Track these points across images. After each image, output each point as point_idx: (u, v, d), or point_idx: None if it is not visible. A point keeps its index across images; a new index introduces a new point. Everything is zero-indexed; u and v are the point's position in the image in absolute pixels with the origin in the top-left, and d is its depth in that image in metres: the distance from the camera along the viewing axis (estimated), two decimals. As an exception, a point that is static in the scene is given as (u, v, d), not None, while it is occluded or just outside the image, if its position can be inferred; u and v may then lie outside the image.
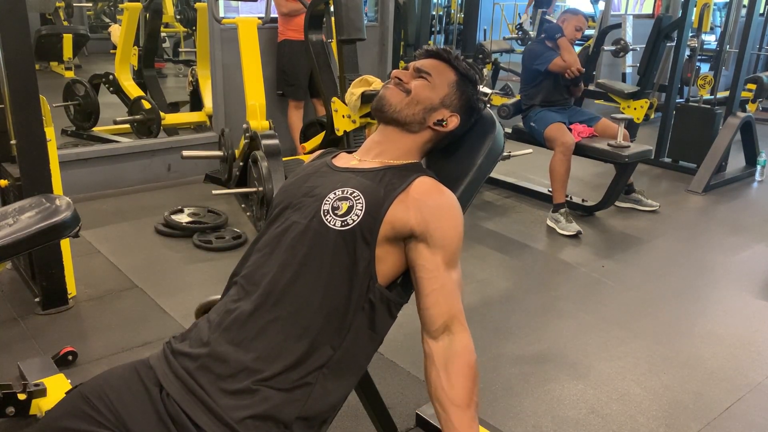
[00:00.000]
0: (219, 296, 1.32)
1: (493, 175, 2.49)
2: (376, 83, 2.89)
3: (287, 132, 4.59)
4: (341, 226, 1.18)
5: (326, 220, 1.19)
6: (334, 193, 1.22)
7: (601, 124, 3.95)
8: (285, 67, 4.51)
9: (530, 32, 6.86)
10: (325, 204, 1.21)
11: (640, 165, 3.99)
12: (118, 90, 5.23)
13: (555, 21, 4.34)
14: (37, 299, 2.59)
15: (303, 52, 4.37)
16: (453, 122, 1.36)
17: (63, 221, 1.60)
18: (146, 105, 4.73)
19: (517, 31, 8.13)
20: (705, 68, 7.08)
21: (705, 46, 7.05)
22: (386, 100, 1.34)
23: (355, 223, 1.18)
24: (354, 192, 1.21)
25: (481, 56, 6.33)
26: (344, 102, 3.10)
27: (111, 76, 5.24)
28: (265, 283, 1.18)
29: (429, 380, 1.18)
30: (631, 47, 6.29)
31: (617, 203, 4.09)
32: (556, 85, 3.93)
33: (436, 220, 1.20)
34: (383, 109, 1.34)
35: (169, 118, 4.89)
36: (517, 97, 4.25)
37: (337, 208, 1.20)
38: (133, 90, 5.19)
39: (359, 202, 1.19)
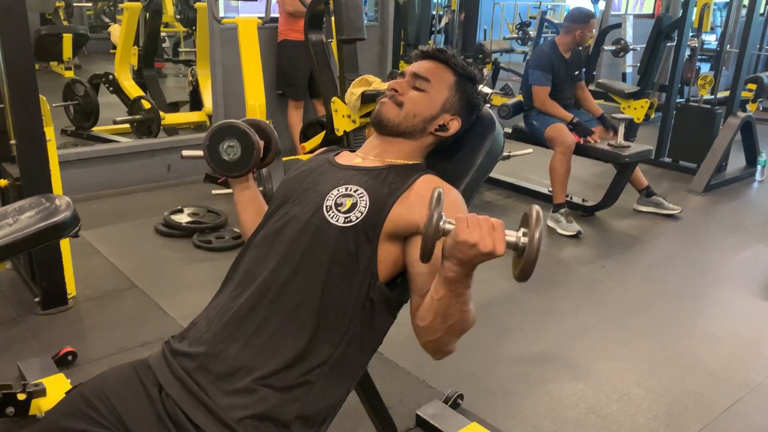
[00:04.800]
0: None
1: (493, 175, 2.49)
2: (376, 83, 2.89)
3: (287, 132, 4.59)
4: (344, 222, 1.17)
5: (328, 215, 1.18)
6: (338, 190, 1.22)
7: (600, 128, 3.97)
8: (285, 68, 4.51)
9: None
10: (327, 200, 1.20)
11: (640, 165, 4.00)
12: (117, 90, 5.22)
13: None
14: (37, 299, 2.59)
15: (303, 53, 4.37)
16: (454, 126, 1.35)
17: (63, 221, 1.60)
18: (146, 105, 4.73)
19: (517, 31, 8.12)
20: (705, 68, 7.07)
21: (705, 46, 7.05)
22: (383, 116, 1.32)
23: (359, 220, 1.17)
24: (358, 189, 1.21)
25: (481, 56, 6.33)
26: (344, 102, 3.10)
27: (111, 76, 5.23)
28: (263, 278, 1.18)
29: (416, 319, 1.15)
30: (631, 47, 6.29)
31: (638, 208, 4.09)
32: (558, 88, 3.92)
33: None
34: (382, 124, 1.33)
35: (169, 118, 4.89)
36: (518, 97, 4.24)
37: (341, 204, 1.19)
38: (132, 90, 5.19)
39: (363, 200, 1.19)
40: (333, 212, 1.19)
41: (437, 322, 1.09)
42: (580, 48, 3.98)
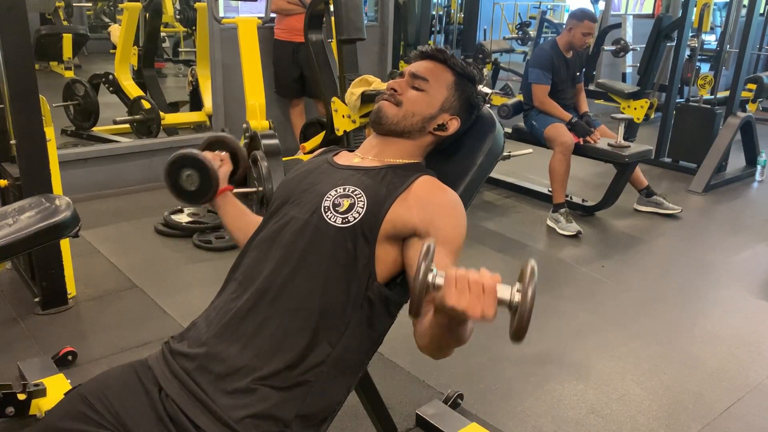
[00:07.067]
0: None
1: (493, 175, 2.48)
2: (376, 83, 2.89)
3: (287, 132, 4.59)
4: (342, 223, 1.17)
5: (327, 216, 1.19)
6: (336, 190, 1.22)
7: (600, 128, 3.97)
8: (274, 67, 4.51)
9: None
10: (325, 200, 1.21)
11: (640, 165, 4.00)
12: (117, 90, 5.22)
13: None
14: (37, 299, 2.59)
15: (289, 54, 4.38)
16: (453, 125, 1.36)
17: (63, 221, 1.60)
18: (146, 105, 4.73)
19: (517, 31, 8.12)
20: (705, 68, 7.08)
21: (705, 46, 7.05)
22: (383, 113, 1.33)
23: (356, 220, 1.17)
24: (356, 190, 1.21)
25: (481, 56, 6.33)
26: (344, 102, 3.10)
27: (111, 76, 5.23)
28: (263, 279, 1.18)
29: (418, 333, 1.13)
30: (631, 47, 6.29)
31: (638, 208, 4.09)
32: (559, 87, 3.92)
33: (439, 218, 1.20)
34: (381, 122, 1.33)
35: (169, 118, 4.89)
36: (518, 97, 4.24)
37: (339, 204, 1.19)
38: (132, 90, 5.19)
39: (361, 200, 1.19)
40: (331, 213, 1.19)
41: (433, 345, 1.09)
42: (575, 48, 3.93)
